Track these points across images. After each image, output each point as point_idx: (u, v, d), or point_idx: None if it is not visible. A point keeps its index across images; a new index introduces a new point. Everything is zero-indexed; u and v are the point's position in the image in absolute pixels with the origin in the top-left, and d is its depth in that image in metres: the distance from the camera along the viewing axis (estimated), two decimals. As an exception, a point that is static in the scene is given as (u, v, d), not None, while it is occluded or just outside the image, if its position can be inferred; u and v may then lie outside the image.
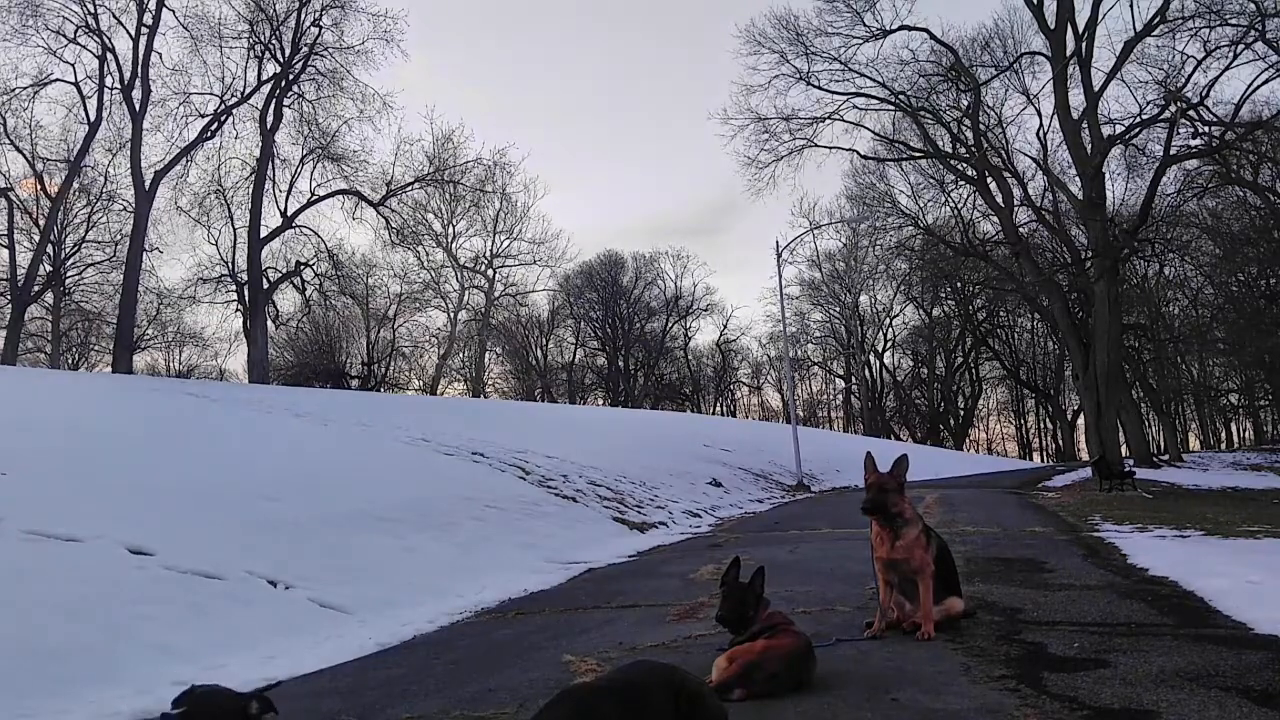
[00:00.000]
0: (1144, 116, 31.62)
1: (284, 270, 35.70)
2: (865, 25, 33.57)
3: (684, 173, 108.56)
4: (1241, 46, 29.29)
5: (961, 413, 65.73)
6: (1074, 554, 8.61)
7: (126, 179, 31.97)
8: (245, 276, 33.78)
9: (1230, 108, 31.12)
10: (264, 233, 33.63)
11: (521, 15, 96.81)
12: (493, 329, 54.76)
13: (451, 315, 50.37)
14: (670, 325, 67.55)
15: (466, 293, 50.63)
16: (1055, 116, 33.01)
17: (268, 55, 33.05)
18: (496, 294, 52.95)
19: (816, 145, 35.14)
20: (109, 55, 30.50)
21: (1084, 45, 31.99)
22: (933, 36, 34.17)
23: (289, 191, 34.94)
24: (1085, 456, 41.01)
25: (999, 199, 34.76)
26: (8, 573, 5.85)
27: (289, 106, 33.82)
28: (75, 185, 32.95)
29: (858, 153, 38.12)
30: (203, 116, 32.62)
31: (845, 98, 34.92)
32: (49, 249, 33.78)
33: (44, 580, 5.93)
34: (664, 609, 6.52)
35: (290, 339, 47.97)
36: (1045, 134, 35.03)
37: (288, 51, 33.09)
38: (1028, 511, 14.50)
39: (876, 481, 5.10)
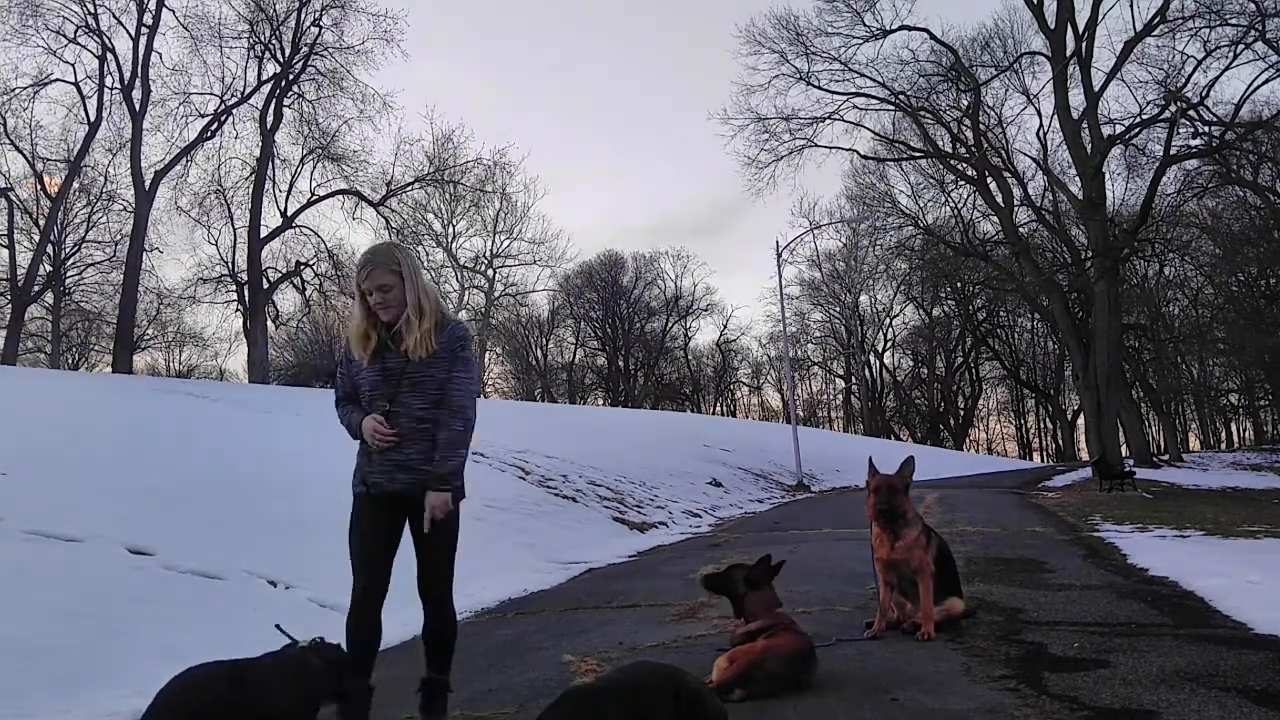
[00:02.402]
0: (1144, 116, 31.63)
1: (284, 270, 35.65)
2: (865, 25, 33.58)
3: (684, 173, 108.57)
4: (1241, 46, 29.30)
5: (961, 413, 65.72)
6: (1074, 554, 8.62)
7: (126, 179, 31.96)
8: (245, 276, 33.73)
9: (1230, 108, 31.18)
10: (264, 233, 33.59)
11: (522, 15, 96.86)
12: (493, 329, 54.71)
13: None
14: (670, 325, 67.55)
15: (466, 293, 50.57)
16: (1055, 116, 33.01)
17: (268, 55, 33.01)
18: (496, 294, 52.90)
19: (816, 145, 35.15)
20: (109, 55, 30.48)
21: (1084, 45, 31.99)
22: (933, 36, 34.19)
23: (289, 191, 34.90)
24: (1085, 456, 41.01)
25: (999, 199, 34.75)
26: (8, 573, 5.85)
27: (289, 106, 33.80)
28: (75, 185, 32.92)
29: (858, 153, 38.14)
30: (203, 116, 32.61)
31: (845, 98, 34.93)
32: (49, 249, 33.74)
33: (44, 580, 5.92)
34: (664, 609, 6.52)
35: (290, 339, 47.90)
36: (1045, 134, 35.08)
37: (288, 51, 33.07)
38: (1028, 511, 14.51)
39: (887, 483, 5.08)
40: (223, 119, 32.88)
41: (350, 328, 3.66)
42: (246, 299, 33.56)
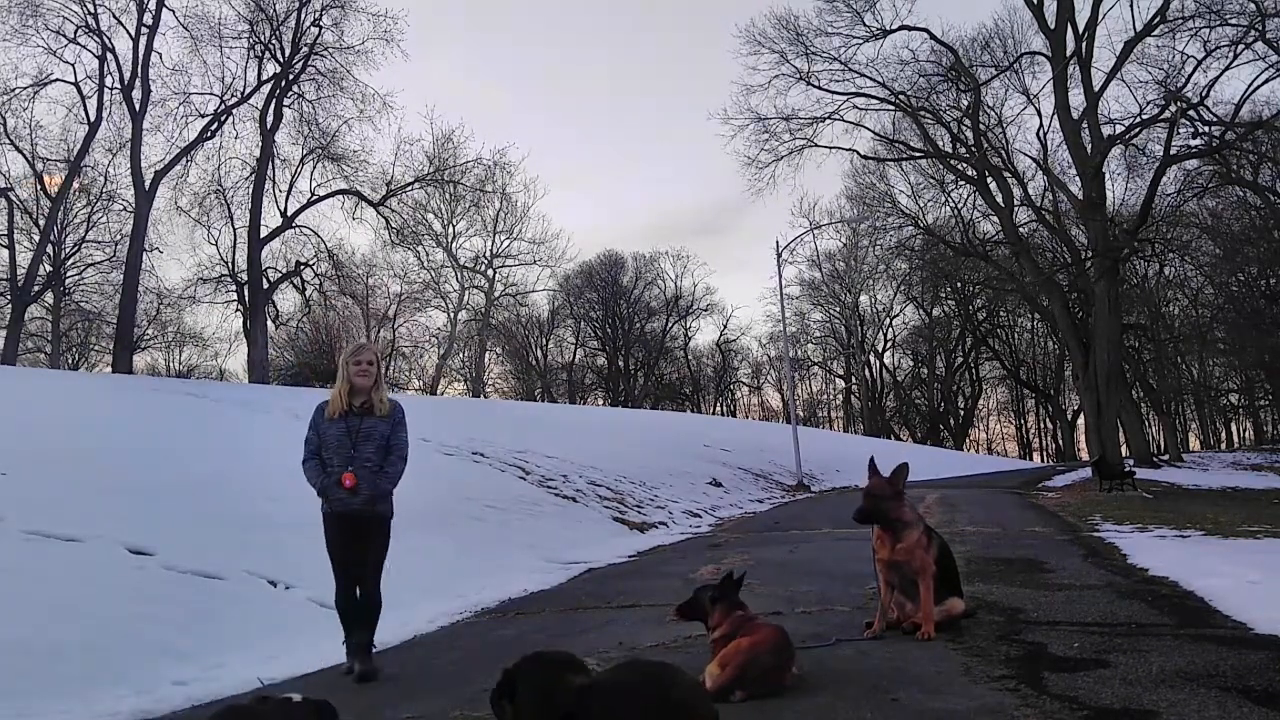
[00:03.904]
0: (1144, 116, 31.58)
1: (284, 270, 35.62)
2: (865, 25, 33.52)
3: (684, 173, 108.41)
4: (1241, 46, 29.26)
5: (961, 413, 65.69)
6: (1074, 554, 8.62)
7: (126, 179, 31.92)
8: (245, 276, 33.70)
9: (1230, 108, 31.12)
10: (264, 233, 33.55)
11: (522, 15, 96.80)
12: (493, 329, 54.65)
13: (451, 315, 50.30)
14: (670, 325, 67.50)
15: (466, 293, 50.53)
16: (1055, 116, 32.98)
17: (268, 55, 32.99)
18: (496, 294, 52.84)
19: (816, 145, 35.06)
20: (109, 55, 30.44)
21: (1084, 45, 31.97)
22: (933, 36, 34.16)
23: (289, 191, 34.85)
24: (1085, 456, 40.99)
25: (999, 199, 34.73)
26: (8, 573, 5.85)
27: (289, 106, 33.77)
28: (75, 185, 32.90)
29: (858, 153, 38.08)
30: (203, 116, 32.58)
31: (845, 98, 34.86)
32: (49, 249, 33.70)
33: (44, 580, 5.93)
34: (664, 609, 6.52)
35: (290, 339, 47.88)
36: (1045, 134, 35.01)
37: (288, 51, 33.05)
38: (1028, 511, 14.51)
39: (872, 489, 5.11)
40: (223, 119, 32.87)
41: (334, 389, 5.39)
42: (246, 299, 33.53)
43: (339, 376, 5.40)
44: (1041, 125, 35.96)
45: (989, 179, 34.85)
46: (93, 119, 30.59)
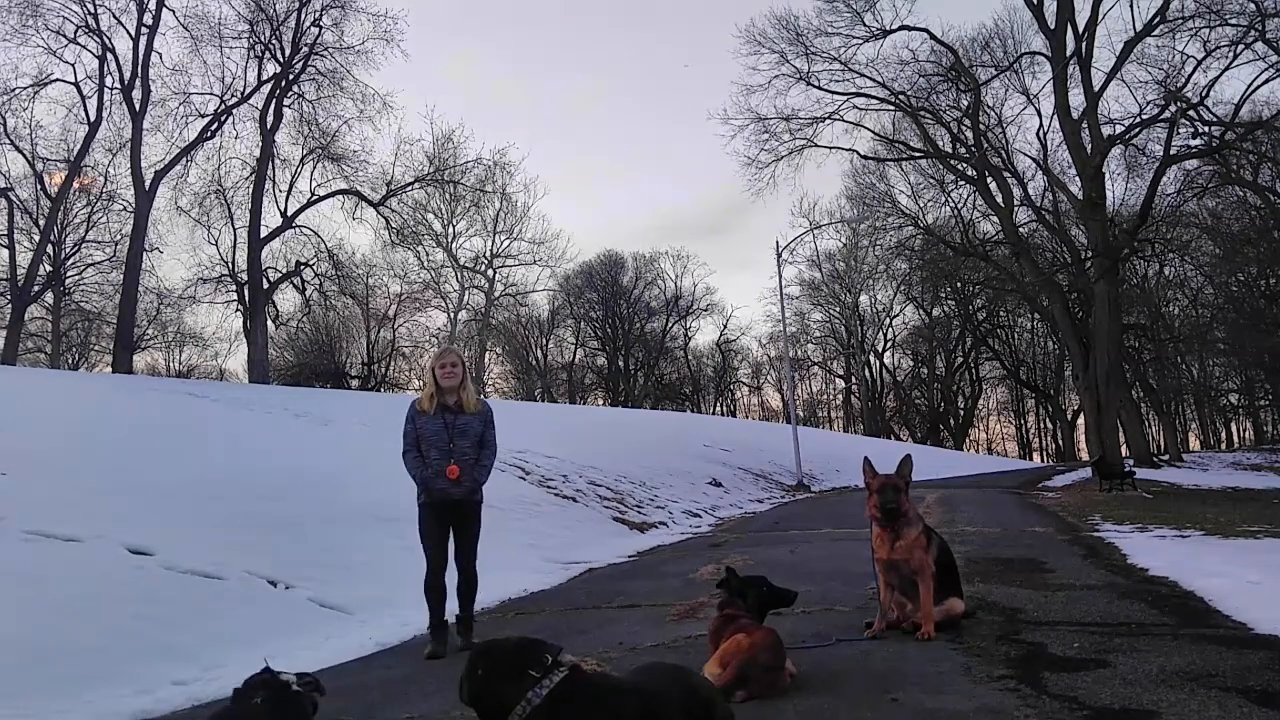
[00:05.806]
0: (1144, 116, 31.54)
1: (284, 270, 35.62)
2: (865, 25, 33.50)
3: (685, 173, 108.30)
4: (1241, 46, 29.24)
5: (961, 413, 65.66)
6: (1074, 554, 8.62)
7: (126, 179, 31.93)
8: (245, 276, 33.70)
9: (1230, 108, 31.11)
10: (264, 233, 33.55)
11: (522, 15, 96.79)
12: (493, 329, 54.70)
13: (451, 315, 50.34)
14: (670, 325, 67.47)
15: (466, 293, 50.60)
16: (1055, 116, 32.96)
17: (268, 55, 33.00)
18: (496, 294, 52.91)
19: (816, 145, 35.03)
20: (109, 55, 30.45)
21: (1084, 45, 31.96)
22: (933, 36, 34.14)
23: (289, 191, 34.86)
24: (1085, 456, 40.96)
25: (999, 199, 34.71)
26: (8, 573, 5.85)
27: (289, 106, 33.77)
28: (75, 185, 32.92)
29: (858, 153, 38.06)
30: (203, 116, 32.58)
31: (845, 98, 34.85)
32: (49, 249, 33.71)
33: (44, 580, 5.93)
34: (664, 609, 6.53)
35: (290, 339, 47.90)
36: (1045, 134, 34.98)
37: (288, 51, 33.05)
38: (1028, 511, 14.51)
39: (889, 482, 5.08)
40: (223, 119, 32.87)
41: (424, 392, 5.90)
42: (246, 299, 33.53)
43: (427, 379, 5.95)
44: (1041, 125, 35.94)
45: (989, 179, 34.83)
46: (93, 119, 30.60)
